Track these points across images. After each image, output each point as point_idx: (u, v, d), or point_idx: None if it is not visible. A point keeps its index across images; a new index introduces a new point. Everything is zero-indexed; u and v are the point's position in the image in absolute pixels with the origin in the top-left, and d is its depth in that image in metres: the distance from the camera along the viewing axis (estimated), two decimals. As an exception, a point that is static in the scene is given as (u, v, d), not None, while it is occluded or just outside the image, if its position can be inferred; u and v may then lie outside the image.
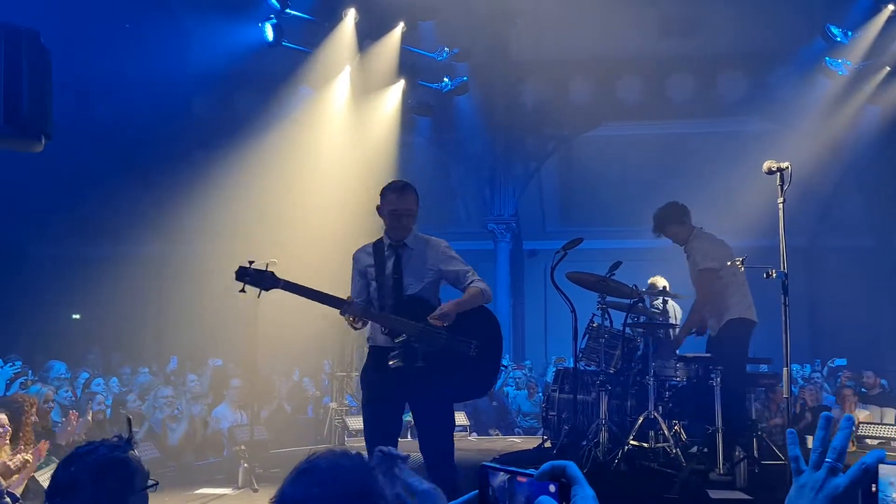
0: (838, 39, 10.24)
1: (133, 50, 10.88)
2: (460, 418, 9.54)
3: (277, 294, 4.25)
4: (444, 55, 11.33)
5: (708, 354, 6.09)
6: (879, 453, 1.23)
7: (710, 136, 13.31)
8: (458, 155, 13.94)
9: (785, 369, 3.61)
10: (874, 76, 10.51)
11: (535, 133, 13.68)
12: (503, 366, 13.31)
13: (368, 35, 10.09)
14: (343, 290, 4.39)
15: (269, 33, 9.91)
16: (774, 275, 3.72)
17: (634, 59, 12.82)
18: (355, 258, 4.57)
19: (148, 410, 7.75)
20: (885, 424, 9.13)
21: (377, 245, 4.55)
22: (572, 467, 1.15)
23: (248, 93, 11.59)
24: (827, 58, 10.60)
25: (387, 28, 10.15)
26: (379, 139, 10.13)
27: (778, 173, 3.84)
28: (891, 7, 9.67)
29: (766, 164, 3.91)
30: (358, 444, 8.69)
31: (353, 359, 9.82)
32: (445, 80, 11.71)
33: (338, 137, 9.77)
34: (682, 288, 6.86)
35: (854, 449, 8.45)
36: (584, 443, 6.01)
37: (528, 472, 1.15)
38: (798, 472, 1.27)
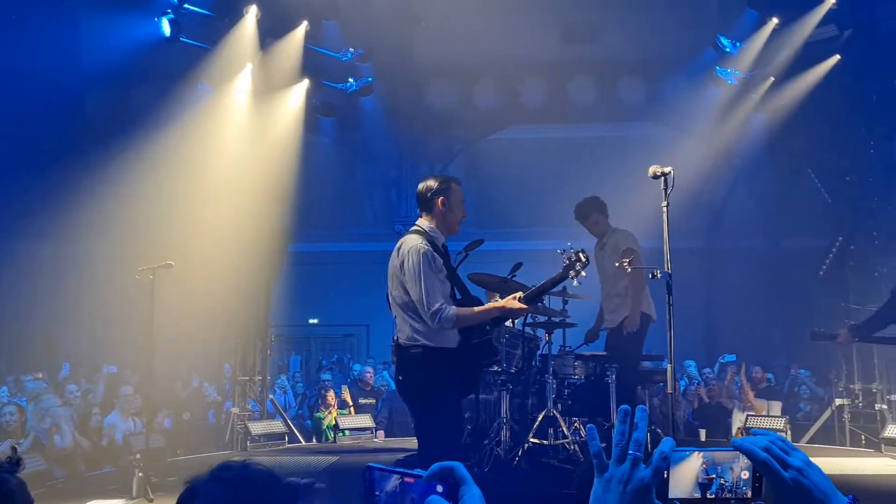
0: (728, 50, 10.72)
1: (21, 43, 10.34)
2: (366, 420, 9.52)
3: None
4: (349, 55, 11.26)
5: (604, 353, 6.27)
6: (671, 441, 1.27)
7: (611, 139, 13.72)
8: (363, 156, 13.90)
9: (669, 365, 3.75)
10: (760, 86, 11.05)
11: (441, 135, 13.77)
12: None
13: (271, 33, 9.90)
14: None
15: (166, 28, 9.60)
16: (659, 275, 3.87)
17: (538, 63, 13.06)
18: (435, 258, 4.24)
19: (33, 420, 7.37)
20: (773, 416, 9.63)
21: (433, 244, 4.29)
22: (460, 468, 1.17)
23: (145, 90, 11.17)
24: (717, 67, 11.08)
25: (290, 26, 9.98)
26: (281, 139, 9.96)
27: (662, 178, 3.99)
28: (775, 21, 10.19)
29: (652, 169, 4.06)
30: (261, 450, 8.53)
31: (255, 362, 9.64)
32: (350, 80, 11.63)
33: (238, 136, 9.54)
34: (583, 289, 7.03)
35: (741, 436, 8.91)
36: (486, 442, 6.09)
37: (415, 472, 1.17)
38: (602, 467, 1.27)
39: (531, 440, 5.88)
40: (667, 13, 12.18)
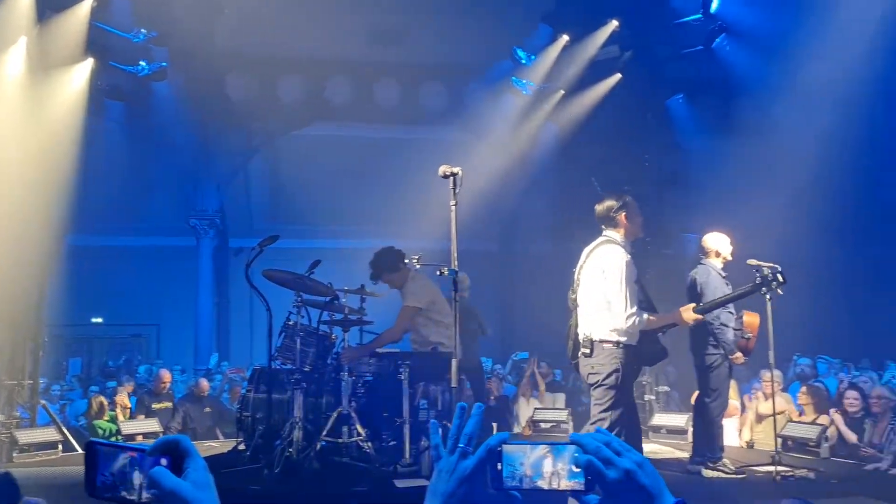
0: (523, 62, 11.27)
1: None
2: (153, 425, 8.97)
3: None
4: (141, 37, 10.54)
5: (398, 350, 6.35)
6: (502, 435, 1.33)
7: (413, 142, 13.95)
8: (156, 145, 13.09)
9: (454, 361, 3.86)
10: (552, 97, 11.72)
11: (242, 128, 13.32)
12: (209, 369, 12.81)
13: (50, 4, 9.03)
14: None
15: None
16: (447, 272, 3.98)
17: (344, 61, 13.01)
18: (631, 264, 5.03)
19: None
20: (557, 409, 10.24)
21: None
22: (185, 441, 1.20)
23: None
24: (514, 77, 11.61)
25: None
26: (60, 121, 9.10)
27: (451, 177, 4.10)
28: (566, 37, 10.86)
29: (442, 169, 4.16)
30: (30, 461, 7.77)
31: (25, 364, 8.76)
32: (142, 63, 10.91)
33: (9, 116, 8.61)
34: (380, 288, 7.08)
35: (529, 432, 9.39)
36: (278, 442, 5.95)
37: (138, 446, 1.18)
38: (438, 459, 1.33)
39: (324, 439, 5.82)
40: (469, 22, 12.58)
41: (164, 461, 1.17)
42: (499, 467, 1.29)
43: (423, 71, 13.31)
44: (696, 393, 6.51)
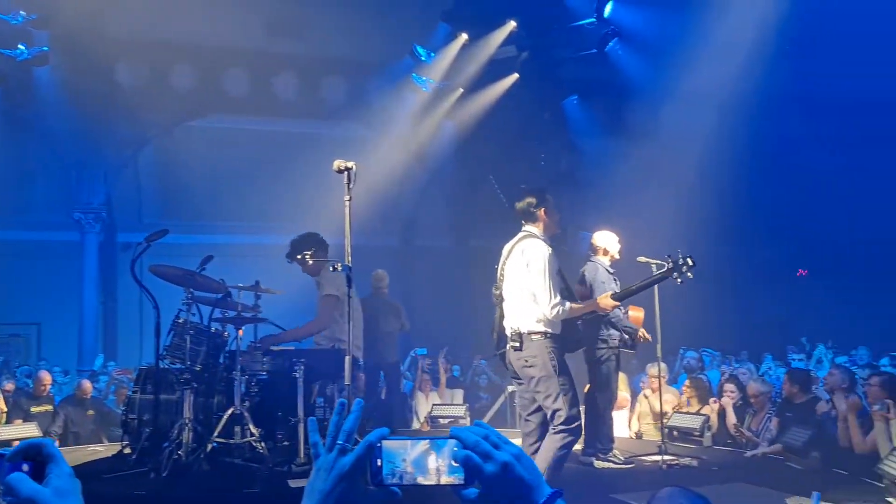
0: (423, 59, 11.28)
1: None
2: (31, 430, 8.48)
3: None
4: (20, 19, 9.96)
5: (292, 347, 6.24)
6: (382, 431, 1.32)
7: (313, 136, 13.71)
8: (36, 133, 12.35)
9: (347, 358, 3.82)
10: (451, 95, 11.79)
11: (132, 118, 12.75)
12: (93, 371, 12.22)
13: (-85, -19, 8.42)
14: None
15: None
16: (340, 268, 3.93)
17: (241, 52, 12.68)
18: (553, 257, 5.09)
19: None
20: (455, 405, 10.33)
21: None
22: (49, 445, 1.16)
23: None
24: (414, 74, 11.61)
25: (-58, -23, 8.58)
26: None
27: (346, 172, 4.06)
28: (464, 36, 10.94)
29: (336, 164, 4.11)
30: None
31: None
32: (21, 47, 10.30)
33: None
34: (274, 282, 6.94)
35: (427, 428, 9.43)
36: (166, 445, 5.72)
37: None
38: (317, 457, 1.31)
39: (215, 440, 5.65)
40: (370, 17, 12.51)
41: (25, 467, 1.13)
42: (378, 463, 1.28)
43: (323, 65, 13.14)
44: (587, 386, 6.69)
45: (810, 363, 11.43)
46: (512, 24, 10.41)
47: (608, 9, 10.22)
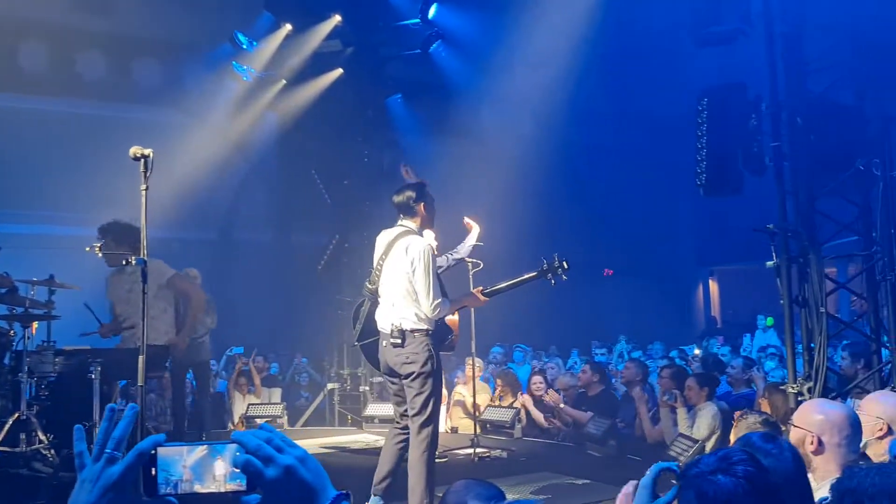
0: (244, 47, 10.88)
1: None
2: None
3: None
4: None
5: (87, 347, 5.84)
6: (157, 437, 1.26)
7: (123, 121, 12.80)
8: None
9: (141, 357, 3.61)
10: (273, 86, 11.50)
11: None
12: None
13: None
14: None
15: None
16: (134, 262, 3.72)
17: (41, 24, 11.64)
18: (433, 253, 5.17)
19: None
20: (273, 403, 10.11)
21: None
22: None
23: None
24: (234, 62, 11.19)
25: None
26: None
27: (143, 160, 3.84)
28: (288, 27, 10.70)
29: (132, 150, 3.88)
30: None
31: None
32: None
33: None
34: (69, 277, 6.45)
35: (243, 428, 9.15)
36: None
37: None
38: (82, 468, 1.24)
39: (-2, 449, 5.16)
40: (188, -1, 11.94)
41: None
42: (153, 472, 1.22)
43: (135, 45, 12.36)
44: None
45: (612, 357, 12.28)
46: (337, 19, 10.29)
47: (432, 10, 10.37)
